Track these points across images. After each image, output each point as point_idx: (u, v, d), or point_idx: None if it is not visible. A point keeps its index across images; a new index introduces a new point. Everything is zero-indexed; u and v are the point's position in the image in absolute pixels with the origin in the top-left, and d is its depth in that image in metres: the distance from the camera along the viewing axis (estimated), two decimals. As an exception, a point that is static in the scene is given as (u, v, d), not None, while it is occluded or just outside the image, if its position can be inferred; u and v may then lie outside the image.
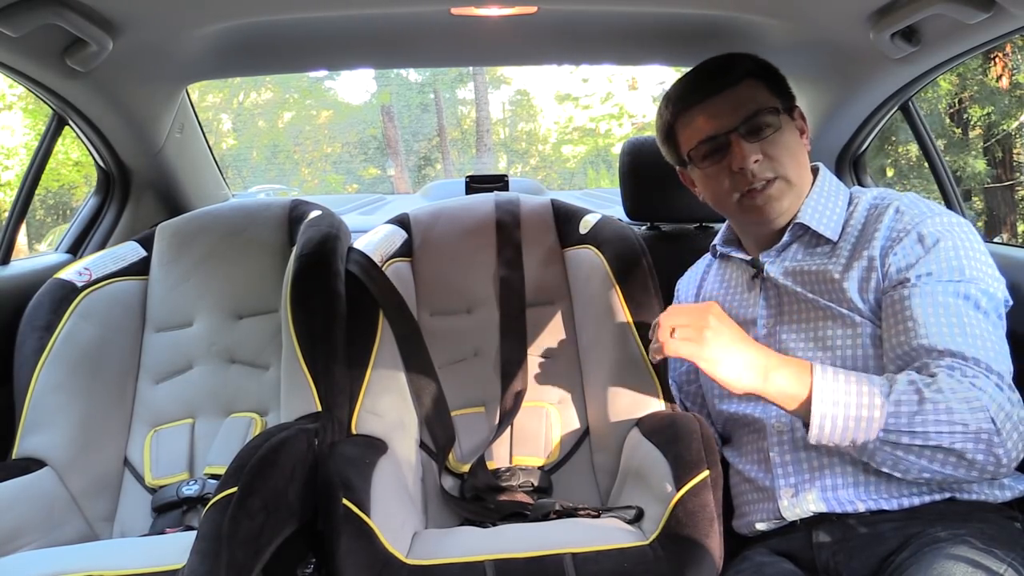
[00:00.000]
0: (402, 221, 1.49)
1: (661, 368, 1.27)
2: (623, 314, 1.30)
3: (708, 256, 1.30)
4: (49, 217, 8.89)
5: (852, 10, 1.19)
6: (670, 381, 1.28)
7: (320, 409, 1.22)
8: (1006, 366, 0.94)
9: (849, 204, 1.10)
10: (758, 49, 1.26)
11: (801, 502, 1.02)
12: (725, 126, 1.07)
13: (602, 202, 2.22)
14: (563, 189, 6.84)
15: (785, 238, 1.10)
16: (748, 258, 1.16)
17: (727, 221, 1.23)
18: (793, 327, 1.08)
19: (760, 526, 1.07)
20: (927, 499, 0.96)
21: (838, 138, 1.66)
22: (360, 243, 1.41)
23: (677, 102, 1.12)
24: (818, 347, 1.05)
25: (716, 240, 1.25)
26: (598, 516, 1.16)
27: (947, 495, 0.97)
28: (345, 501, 1.02)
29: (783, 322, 1.10)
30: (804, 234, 1.10)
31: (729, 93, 1.07)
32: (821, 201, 1.09)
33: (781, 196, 1.08)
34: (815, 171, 1.14)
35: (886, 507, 0.97)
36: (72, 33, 1.14)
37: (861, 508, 0.98)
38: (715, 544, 0.99)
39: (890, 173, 7.16)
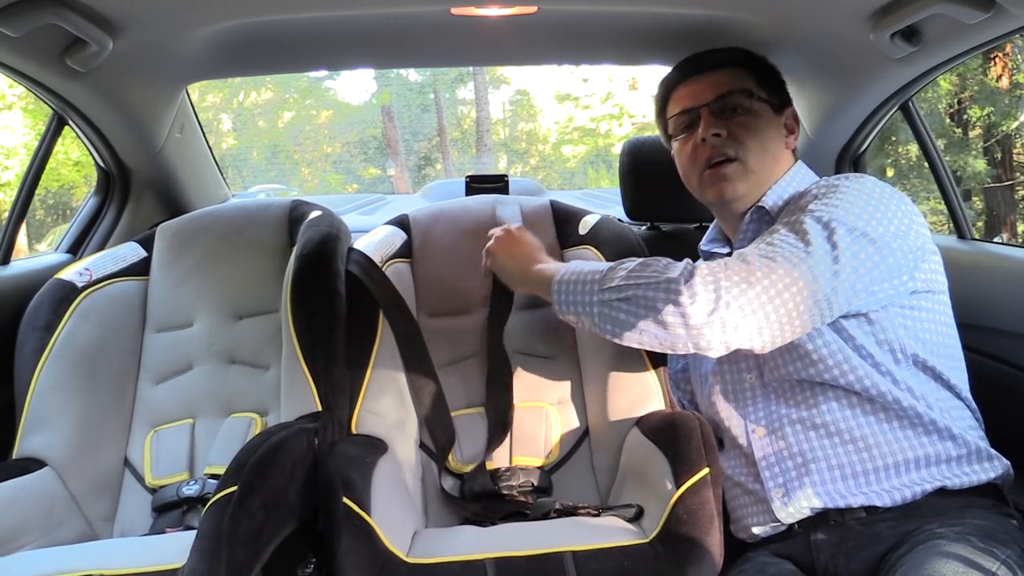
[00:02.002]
0: (402, 222, 1.49)
1: (660, 367, 1.27)
2: (623, 314, 1.30)
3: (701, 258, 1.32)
4: (49, 217, 8.89)
5: (852, 10, 1.19)
6: (669, 380, 1.28)
7: (320, 409, 1.22)
8: (795, 274, 0.94)
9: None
10: (759, 49, 1.26)
11: (794, 501, 1.02)
12: (699, 101, 1.16)
13: (602, 202, 2.22)
14: (563, 189, 6.84)
15: (746, 222, 1.13)
16: (726, 251, 1.20)
17: (715, 220, 1.27)
18: None
19: (757, 530, 1.07)
20: (918, 490, 0.97)
21: (838, 138, 1.66)
22: (360, 244, 1.41)
23: (668, 79, 1.23)
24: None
25: (703, 239, 1.28)
26: (598, 515, 1.16)
27: (937, 484, 0.97)
28: (345, 500, 1.02)
29: None
30: (765, 215, 1.12)
31: (712, 74, 1.17)
32: (784, 187, 1.13)
33: (736, 178, 1.13)
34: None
35: (879, 503, 0.97)
36: (72, 33, 1.14)
37: (855, 503, 0.98)
38: (715, 541, 0.99)
39: (890, 173, 7.16)
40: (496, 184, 1.84)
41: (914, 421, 1.00)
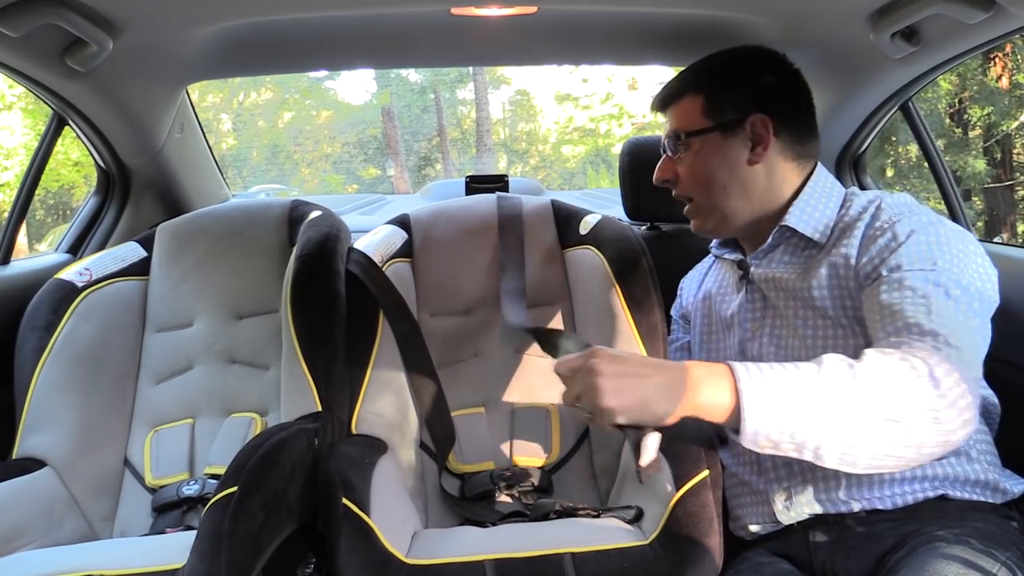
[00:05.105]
0: (402, 222, 1.49)
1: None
2: (623, 314, 1.30)
3: (711, 256, 1.31)
4: (49, 217, 8.90)
5: (852, 10, 1.19)
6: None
7: (320, 409, 1.22)
8: (970, 349, 0.87)
9: (842, 206, 1.08)
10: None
11: (795, 505, 1.01)
12: (662, 144, 1.17)
13: (602, 202, 2.22)
14: (563, 189, 6.86)
15: (770, 240, 1.10)
16: (737, 259, 1.17)
17: None
18: (776, 331, 1.08)
19: (755, 528, 1.07)
20: (920, 496, 0.96)
21: (838, 138, 1.66)
22: (360, 243, 1.41)
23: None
24: (801, 350, 1.04)
25: (712, 242, 1.26)
26: (598, 516, 1.16)
27: (939, 492, 0.96)
28: (345, 500, 1.02)
29: (766, 325, 1.10)
30: (792, 236, 1.09)
31: (669, 111, 1.16)
32: (811, 203, 1.08)
33: (697, 215, 1.14)
34: (812, 172, 1.12)
35: (880, 507, 0.97)
36: (72, 33, 1.14)
37: (856, 508, 0.98)
38: (715, 544, 0.99)
39: (890, 173, 7.17)
40: (496, 184, 1.84)
41: None
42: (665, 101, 1.16)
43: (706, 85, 1.11)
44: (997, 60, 6.70)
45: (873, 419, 0.78)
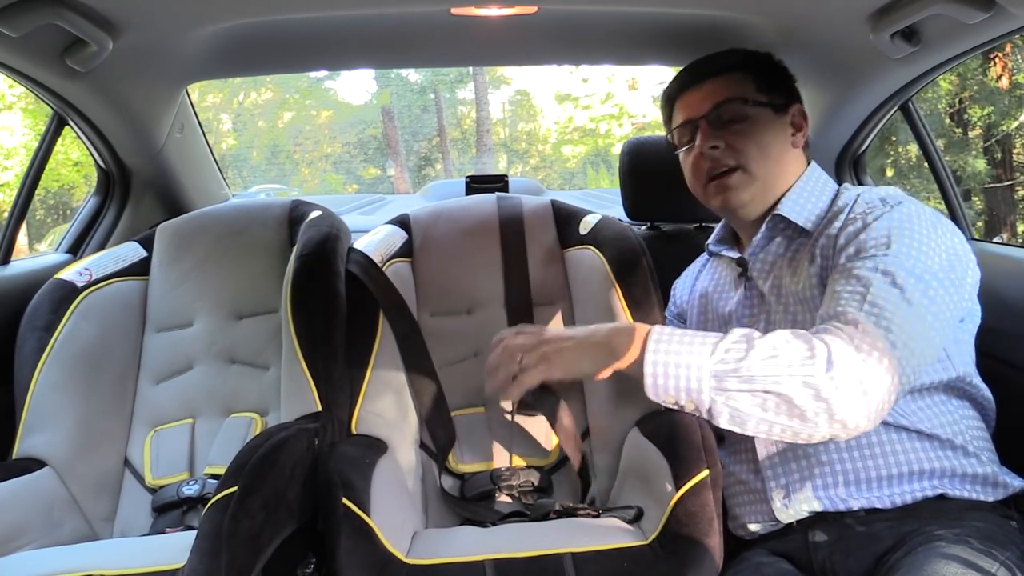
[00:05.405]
0: (402, 222, 1.49)
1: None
2: (623, 314, 1.30)
3: (704, 255, 1.31)
4: (49, 217, 8.91)
5: (852, 10, 1.19)
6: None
7: (320, 409, 1.22)
8: (912, 332, 0.88)
9: (834, 199, 1.11)
10: (758, 49, 1.26)
11: (794, 503, 1.02)
12: (697, 113, 1.14)
13: (602, 202, 2.22)
14: (563, 189, 6.86)
15: (763, 231, 1.12)
16: (735, 256, 1.18)
17: (722, 220, 1.26)
18: (771, 327, 1.08)
19: (754, 527, 1.08)
20: (920, 496, 0.97)
21: (838, 138, 1.66)
22: (360, 243, 1.41)
23: (669, 89, 1.20)
24: None
25: (710, 239, 1.27)
26: (598, 516, 1.16)
27: (939, 492, 0.97)
28: (345, 500, 1.02)
29: (760, 321, 1.11)
30: (786, 227, 1.11)
31: (709, 83, 1.14)
32: (803, 194, 1.11)
33: (740, 186, 1.12)
34: (805, 169, 1.15)
35: (879, 505, 0.97)
36: (72, 33, 1.14)
37: (855, 506, 0.98)
38: (715, 544, 0.99)
39: (890, 173, 7.18)
40: (496, 184, 1.84)
41: (929, 436, 0.99)
42: (711, 70, 1.15)
43: (755, 65, 1.15)
44: (997, 60, 6.70)
45: (755, 387, 0.86)
